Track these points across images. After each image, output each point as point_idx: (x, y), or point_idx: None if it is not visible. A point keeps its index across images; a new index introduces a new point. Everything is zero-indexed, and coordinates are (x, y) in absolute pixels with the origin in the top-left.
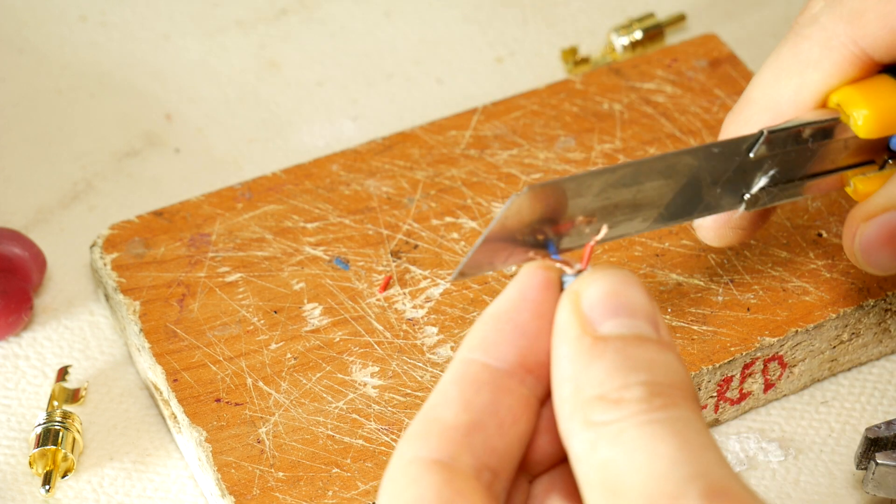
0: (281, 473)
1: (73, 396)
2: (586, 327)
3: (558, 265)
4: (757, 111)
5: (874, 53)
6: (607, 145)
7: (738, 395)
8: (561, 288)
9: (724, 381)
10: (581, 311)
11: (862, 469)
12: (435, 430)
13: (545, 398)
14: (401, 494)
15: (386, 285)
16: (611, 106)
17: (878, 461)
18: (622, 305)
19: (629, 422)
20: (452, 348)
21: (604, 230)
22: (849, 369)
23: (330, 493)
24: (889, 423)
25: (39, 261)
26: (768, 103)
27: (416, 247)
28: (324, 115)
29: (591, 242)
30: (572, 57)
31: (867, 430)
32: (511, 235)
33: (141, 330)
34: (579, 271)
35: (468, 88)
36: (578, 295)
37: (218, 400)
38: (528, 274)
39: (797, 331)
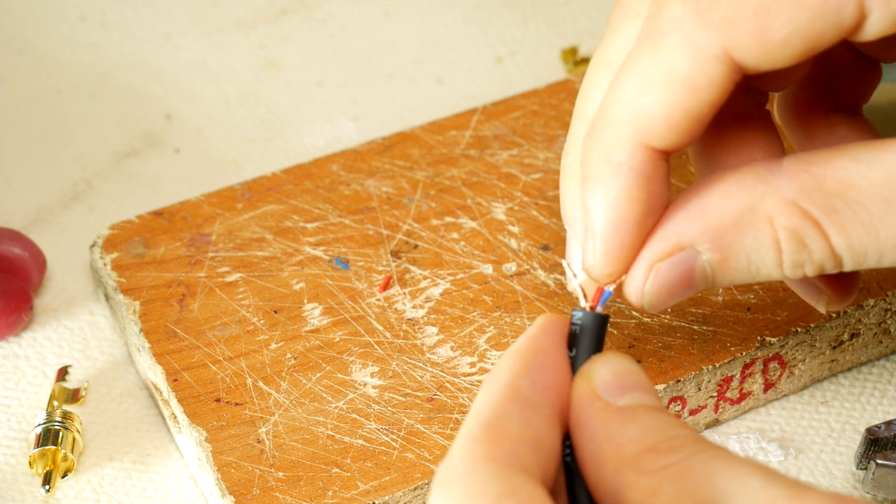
0: (281, 473)
1: (73, 396)
2: (606, 401)
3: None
4: (623, 132)
5: (747, 65)
6: None
7: (738, 395)
8: (569, 322)
9: (724, 381)
10: (596, 389)
11: (862, 469)
12: (505, 438)
13: (560, 411)
14: (485, 488)
15: (386, 285)
16: None
17: (878, 461)
18: (630, 383)
19: (694, 459)
20: (452, 348)
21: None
22: (849, 369)
23: (330, 493)
24: (889, 424)
25: (39, 261)
26: (635, 123)
27: (416, 247)
28: (324, 115)
29: (606, 287)
30: (572, 57)
31: (867, 430)
32: None
33: (141, 330)
34: (592, 308)
35: (468, 88)
36: (590, 377)
37: (218, 400)
38: (548, 318)
39: (797, 331)
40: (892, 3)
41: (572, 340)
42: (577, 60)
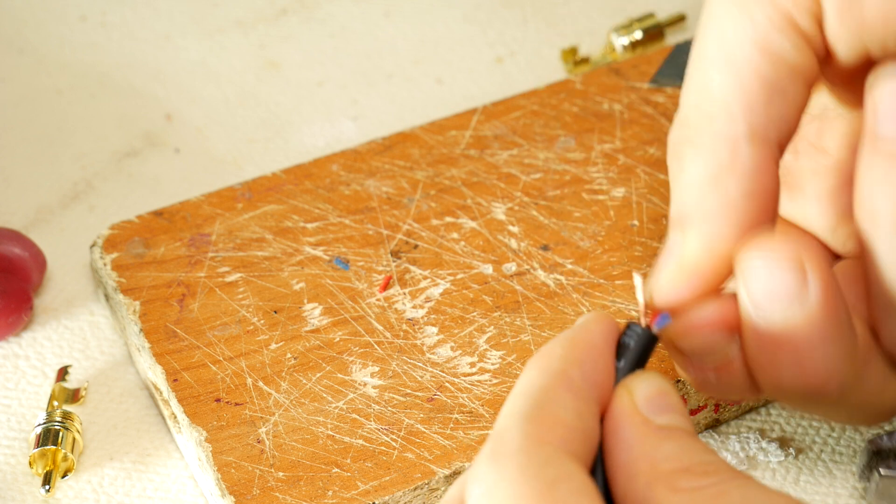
0: (281, 473)
1: (73, 396)
2: (646, 417)
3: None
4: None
5: None
6: (607, 145)
7: None
8: (620, 330)
9: None
10: (637, 403)
11: (865, 480)
12: (559, 423)
13: (600, 410)
14: (540, 470)
15: (386, 285)
16: (611, 106)
17: (882, 472)
18: (670, 404)
19: (728, 485)
20: (452, 348)
21: None
22: None
23: (330, 493)
24: (891, 434)
25: (39, 261)
26: None
27: (416, 247)
28: (324, 115)
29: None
30: (572, 57)
31: (869, 441)
32: None
33: (141, 330)
34: (648, 326)
35: (468, 88)
36: (632, 390)
37: (218, 400)
38: (601, 316)
39: None
40: None
41: (620, 350)
42: (577, 60)
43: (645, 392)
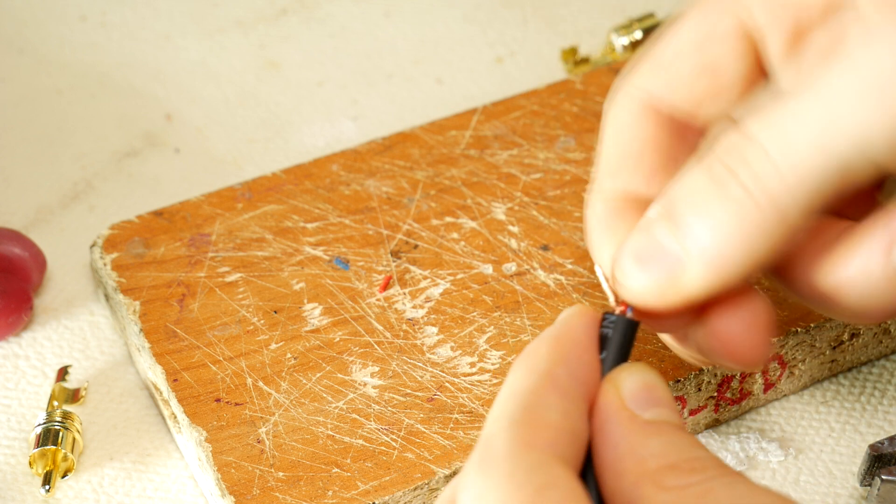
0: (281, 473)
1: (73, 396)
2: (632, 412)
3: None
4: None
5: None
6: None
7: (738, 395)
8: (600, 322)
9: (724, 381)
10: (623, 398)
11: (866, 486)
12: (546, 426)
13: (589, 407)
14: (528, 476)
15: (386, 285)
16: None
17: (883, 477)
18: (658, 398)
19: (715, 482)
20: (452, 348)
21: None
22: (849, 369)
23: (330, 493)
24: (892, 439)
25: (39, 261)
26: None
27: (416, 247)
28: (324, 115)
29: None
30: (572, 57)
31: (870, 446)
32: None
33: (141, 330)
34: (622, 312)
35: (468, 88)
36: (619, 384)
37: (218, 400)
38: (582, 311)
39: (797, 331)
40: None
41: (602, 342)
42: (577, 60)
43: (631, 386)
